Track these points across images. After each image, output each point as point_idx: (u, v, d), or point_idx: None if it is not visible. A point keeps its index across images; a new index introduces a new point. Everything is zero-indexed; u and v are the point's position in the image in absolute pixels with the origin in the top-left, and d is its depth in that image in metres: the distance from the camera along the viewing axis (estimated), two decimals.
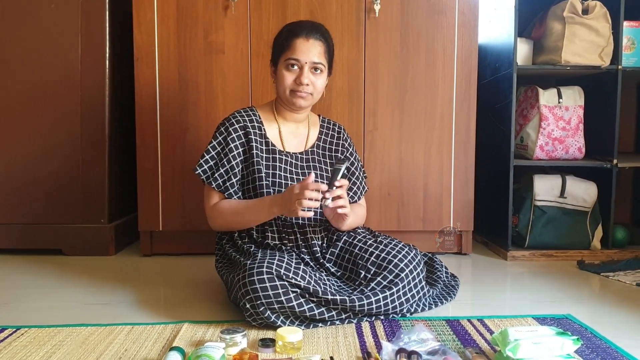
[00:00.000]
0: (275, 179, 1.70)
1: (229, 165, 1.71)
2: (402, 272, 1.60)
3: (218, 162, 1.72)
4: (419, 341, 1.32)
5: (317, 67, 1.68)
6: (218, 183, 1.70)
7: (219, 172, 1.70)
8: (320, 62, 1.68)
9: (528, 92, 2.46)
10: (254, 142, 1.72)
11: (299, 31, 1.68)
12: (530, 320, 1.59)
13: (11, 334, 1.47)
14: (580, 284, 2.00)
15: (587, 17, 2.30)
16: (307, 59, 1.66)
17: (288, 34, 1.70)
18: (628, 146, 2.83)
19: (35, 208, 2.37)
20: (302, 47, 1.66)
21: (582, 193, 2.38)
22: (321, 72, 1.70)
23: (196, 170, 1.73)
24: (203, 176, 1.72)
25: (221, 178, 1.70)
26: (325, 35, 1.72)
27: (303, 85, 1.67)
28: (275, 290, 1.45)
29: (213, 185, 1.70)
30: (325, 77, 1.73)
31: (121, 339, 1.44)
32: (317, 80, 1.70)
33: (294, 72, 1.68)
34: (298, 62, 1.67)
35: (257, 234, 1.73)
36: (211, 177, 1.71)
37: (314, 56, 1.67)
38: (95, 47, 2.32)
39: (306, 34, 1.67)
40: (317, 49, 1.68)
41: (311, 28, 1.69)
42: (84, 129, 2.35)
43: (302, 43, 1.67)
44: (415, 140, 2.35)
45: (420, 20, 2.31)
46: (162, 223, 2.34)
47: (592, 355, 1.35)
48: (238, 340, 1.35)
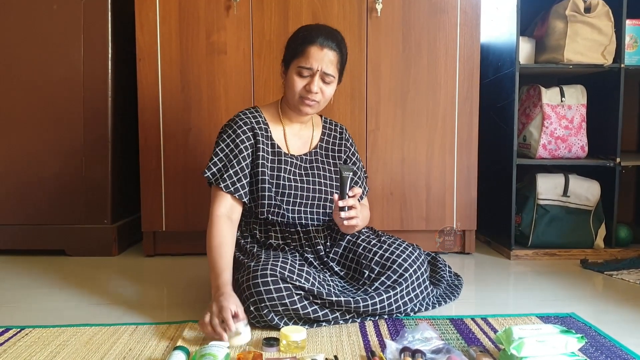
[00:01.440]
0: (279, 181, 1.69)
1: (238, 166, 1.66)
2: (406, 271, 1.60)
3: (227, 164, 1.66)
4: (423, 340, 1.32)
5: (328, 77, 1.65)
6: (227, 184, 1.64)
7: (228, 173, 1.65)
8: (331, 74, 1.65)
9: (530, 91, 2.45)
10: (261, 145, 1.69)
11: (314, 38, 1.64)
12: (534, 318, 1.59)
13: (15, 334, 1.47)
14: (584, 283, 2.00)
15: (590, 16, 2.29)
16: (319, 67, 1.63)
17: (303, 40, 1.66)
18: (631, 145, 2.83)
19: (38, 209, 2.37)
20: (316, 55, 1.62)
21: (585, 192, 2.38)
22: (331, 82, 1.67)
23: (205, 173, 1.67)
24: (212, 178, 1.66)
25: (230, 179, 1.64)
26: (340, 45, 1.69)
27: (312, 93, 1.64)
28: (279, 292, 1.45)
29: (221, 186, 1.63)
30: (334, 86, 1.70)
31: (125, 338, 1.44)
32: (327, 89, 1.67)
33: (304, 79, 1.65)
34: (310, 70, 1.64)
35: (261, 234, 1.73)
36: (220, 179, 1.65)
37: (326, 67, 1.63)
38: (98, 47, 2.33)
39: (321, 43, 1.63)
40: (330, 59, 1.64)
41: (327, 36, 1.65)
42: (87, 130, 2.35)
43: (316, 51, 1.63)
44: (417, 140, 2.35)
45: (422, 20, 2.31)
46: (165, 223, 2.34)
47: (597, 354, 1.34)
48: (241, 330, 1.35)
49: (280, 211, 1.68)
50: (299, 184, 1.71)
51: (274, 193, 1.68)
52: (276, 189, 1.69)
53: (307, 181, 1.72)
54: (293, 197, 1.69)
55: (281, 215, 1.69)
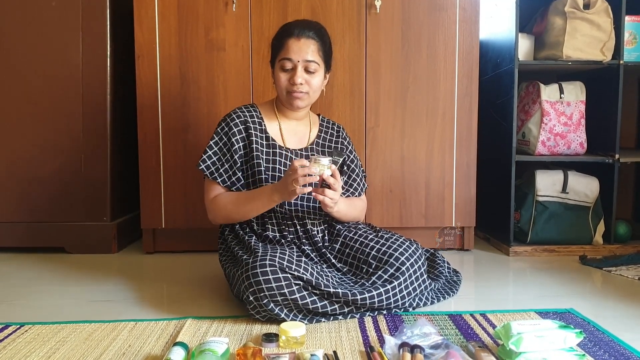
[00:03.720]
0: (275, 174, 1.71)
1: (232, 160, 1.72)
2: (402, 266, 1.60)
3: (222, 157, 1.74)
4: (422, 335, 1.32)
5: (311, 66, 1.68)
6: (224, 178, 1.72)
7: (224, 168, 1.73)
8: (313, 60, 1.67)
9: (529, 87, 2.46)
10: (254, 137, 1.73)
11: (291, 31, 1.69)
12: (532, 314, 1.60)
13: (15, 331, 1.47)
14: (583, 279, 2.00)
15: (589, 12, 2.29)
16: (299, 57, 1.66)
17: (281, 35, 1.72)
18: (630, 141, 2.83)
19: (38, 206, 2.37)
20: (294, 46, 1.67)
21: (584, 188, 2.38)
22: (316, 71, 1.70)
23: (199, 166, 1.74)
24: (207, 172, 1.73)
25: (226, 173, 1.72)
26: (319, 33, 1.72)
27: (297, 85, 1.68)
28: (278, 282, 1.45)
29: (219, 181, 1.72)
30: (321, 76, 1.73)
31: (125, 334, 1.44)
32: (312, 79, 1.70)
33: (288, 72, 1.70)
34: (291, 61, 1.67)
35: (258, 227, 1.74)
36: (216, 173, 1.72)
37: (305, 54, 1.67)
38: (97, 44, 2.33)
39: (297, 33, 1.68)
40: (309, 47, 1.68)
41: (303, 27, 1.69)
42: (86, 127, 2.35)
43: (293, 42, 1.67)
44: (417, 137, 2.35)
45: (421, 16, 2.31)
46: (164, 220, 2.34)
47: (595, 349, 1.35)
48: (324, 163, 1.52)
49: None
50: None
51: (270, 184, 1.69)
52: (272, 180, 1.71)
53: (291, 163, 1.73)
54: None
55: (279, 204, 1.70)
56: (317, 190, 1.58)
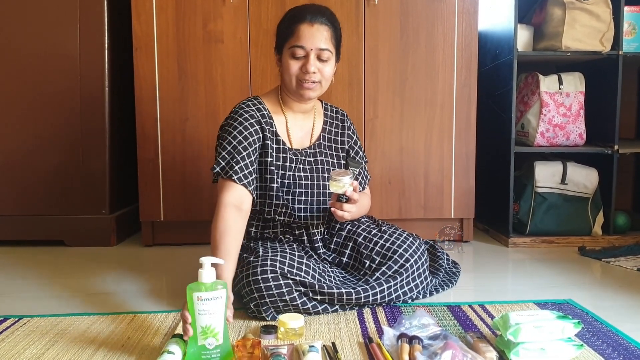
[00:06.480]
0: (285, 180, 1.64)
1: (248, 159, 1.56)
2: (407, 262, 1.59)
3: (236, 155, 1.54)
4: (420, 326, 1.32)
5: (324, 54, 1.58)
6: (239, 176, 1.52)
7: (239, 165, 1.53)
8: (327, 48, 1.57)
9: (529, 78, 2.45)
10: (268, 141, 1.62)
11: (303, 16, 1.57)
12: (531, 305, 1.60)
13: (14, 323, 1.47)
14: (582, 270, 2.01)
15: (588, 3, 2.28)
16: (313, 45, 1.56)
17: (291, 20, 1.59)
18: (629, 132, 2.82)
19: (37, 199, 2.37)
20: (307, 32, 1.56)
21: (583, 179, 2.38)
22: (328, 59, 1.60)
23: (214, 168, 1.55)
24: (222, 172, 1.54)
25: (242, 171, 1.53)
26: (332, 19, 1.62)
27: (310, 74, 1.57)
28: (279, 289, 1.44)
29: (234, 178, 1.51)
30: (333, 64, 1.63)
31: (123, 327, 1.44)
32: (325, 67, 1.59)
33: (299, 60, 1.57)
34: (303, 49, 1.56)
35: (257, 229, 1.72)
36: (230, 170, 1.52)
37: (319, 42, 1.56)
38: (94, 37, 2.32)
39: (311, 19, 1.56)
40: (323, 34, 1.56)
41: (316, 12, 1.59)
42: (84, 120, 2.35)
43: (306, 28, 1.56)
44: (415, 128, 2.35)
45: (420, 7, 2.30)
46: (163, 213, 2.34)
47: (594, 339, 1.35)
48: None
49: (288, 210, 1.64)
50: (303, 181, 1.66)
51: (282, 193, 1.63)
52: (282, 188, 1.64)
53: (310, 177, 1.67)
54: (298, 194, 1.65)
55: (288, 214, 1.65)
56: (335, 204, 1.55)
